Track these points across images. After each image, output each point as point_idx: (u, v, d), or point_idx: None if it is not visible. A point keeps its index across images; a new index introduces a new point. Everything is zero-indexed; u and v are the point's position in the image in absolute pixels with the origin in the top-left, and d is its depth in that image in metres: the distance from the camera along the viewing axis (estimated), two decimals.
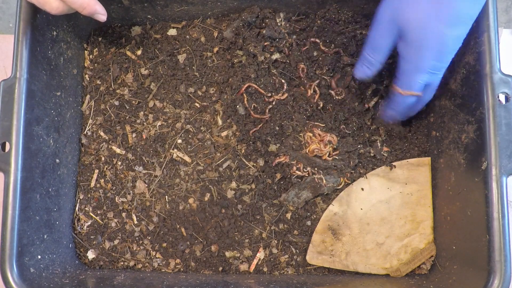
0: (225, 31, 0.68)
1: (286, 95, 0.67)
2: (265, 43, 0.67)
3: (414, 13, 0.48)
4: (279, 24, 0.67)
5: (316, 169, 0.65)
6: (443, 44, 0.50)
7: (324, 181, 0.65)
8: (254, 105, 0.67)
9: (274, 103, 0.67)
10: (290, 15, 0.68)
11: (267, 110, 0.67)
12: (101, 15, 0.54)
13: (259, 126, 0.67)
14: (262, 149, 0.67)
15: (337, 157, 0.65)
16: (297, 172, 0.65)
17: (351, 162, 0.65)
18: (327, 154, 0.65)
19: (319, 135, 0.65)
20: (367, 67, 0.56)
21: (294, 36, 0.68)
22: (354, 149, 0.65)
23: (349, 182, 0.65)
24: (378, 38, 0.53)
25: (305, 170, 0.65)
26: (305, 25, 0.68)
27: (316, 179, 0.65)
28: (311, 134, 0.65)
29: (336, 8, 0.66)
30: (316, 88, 0.67)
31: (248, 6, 0.67)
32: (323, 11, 0.67)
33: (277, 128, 0.66)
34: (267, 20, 0.67)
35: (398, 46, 0.53)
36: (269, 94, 0.67)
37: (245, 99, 0.67)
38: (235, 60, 0.68)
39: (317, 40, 0.67)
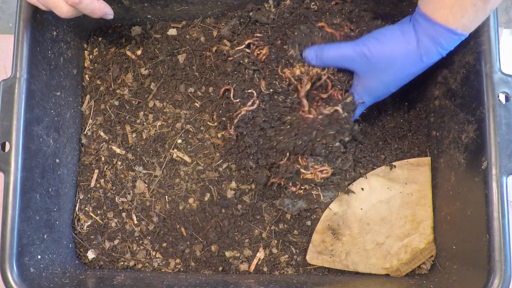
0: (222, 29, 0.69)
1: (256, 104, 0.61)
2: (255, 38, 0.63)
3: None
4: (267, 8, 0.65)
5: (313, 185, 0.64)
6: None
7: (322, 198, 0.64)
8: (228, 116, 0.64)
9: (239, 117, 0.62)
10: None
11: (232, 128, 0.63)
12: (110, 15, 0.55)
13: (232, 141, 0.65)
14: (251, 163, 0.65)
15: (333, 175, 0.64)
16: (292, 188, 0.64)
17: (348, 176, 0.65)
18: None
19: (314, 168, 0.62)
20: (318, 60, 0.57)
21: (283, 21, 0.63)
22: (348, 166, 0.64)
23: (347, 194, 0.65)
24: (347, 59, 0.56)
25: (302, 188, 0.64)
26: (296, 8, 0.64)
27: (313, 195, 0.64)
28: (304, 171, 0.62)
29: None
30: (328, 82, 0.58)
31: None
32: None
33: (248, 150, 0.63)
34: (257, 6, 0.65)
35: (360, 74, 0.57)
36: (237, 100, 0.62)
37: (215, 106, 0.66)
38: (221, 49, 0.67)
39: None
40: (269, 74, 0.62)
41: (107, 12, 0.54)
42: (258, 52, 0.62)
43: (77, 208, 0.68)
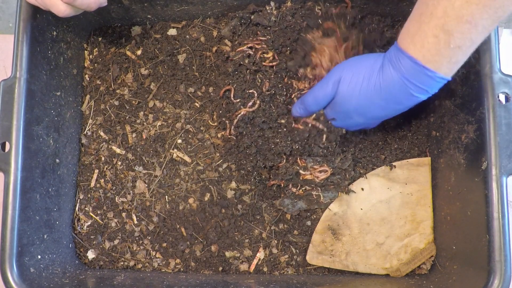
0: (223, 30, 0.69)
1: (257, 104, 0.62)
2: (258, 40, 0.64)
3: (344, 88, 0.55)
4: (269, 11, 0.65)
5: (313, 186, 0.64)
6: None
7: (322, 198, 0.64)
8: (228, 116, 0.65)
9: (239, 117, 0.62)
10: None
11: (232, 129, 0.63)
12: (104, 3, 0.54)
13: (232, 142, 0.65)
14: (250, 166, 0.65)
15: (333, 175, 0.64)
16: (293, 189, 0.65)
17: (347, 175, 0.65)
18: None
19: (313, 168, 0.63)
20: (303, 111, 0.60)
21: (285, 24, 0.64)
22: (348, 165, 0.64)
23: (347, 194, 0.65)
24: (322, 95, 0.56)
25: (302, 188, 0.65)
26: (297, 9, 0.64)
27: (314, 195, 0.65)
28: (304, 172, 0.63)
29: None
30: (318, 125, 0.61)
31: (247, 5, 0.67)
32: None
33: (247, 151, 0.63)
34: (258, 8, 0.66)
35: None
36: (238, 100, 0.63)
37: (215, 106, 0.66)
38: (222, 49, 0.68)
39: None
40: (274, 78, 0.63)
41: (102, 2, 0.53)
42: (261, 56, 0.63)
43: (77, 208, 0.68)
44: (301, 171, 0.63)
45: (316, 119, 0.61)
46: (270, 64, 0.63)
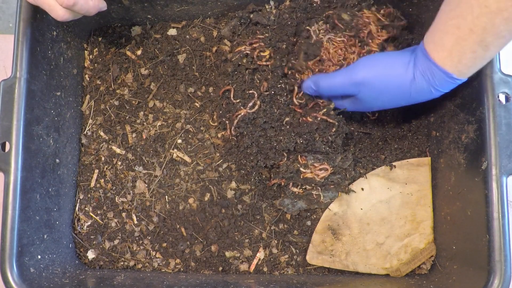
0: (223, 30, 0.69)
1: (257, 105, 0.62)
2: (256, 39, 0.64)
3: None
4: (268, 10, 0.65)
5: (313, 185, 0.64)
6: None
7: (322, 198, 0.64)
8: (228, 116, 0.65)
9: (239, 117, 0.62)
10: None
11: (232, 129, 0.63)
12: (104, 7, 0.54)
13: (232, 142, 0.65)
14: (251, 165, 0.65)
15: (333, 175, 0.64)
16: (293, 189, 0.65)
17: (348, 175, 0.65)
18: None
19: (313, 166, 0.63)
20: (314, 92, 0.60)
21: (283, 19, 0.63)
22: (348, 165, 0.64)
23: (347, 194, 0.65)
24: (341, 89, 0.57)
25: (302, 188, 0.65)
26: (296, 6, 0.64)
27: (314, 195, 0.65)
28: (304, 170, 0.63)
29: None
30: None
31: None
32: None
33: (248, 151, 0.63)
34: (258, 8, 0.65)
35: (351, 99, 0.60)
36: (238, 101, 0.63)
37: (215, 106, 0.66)
38: (222, 49, 0.67)
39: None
40: (271, 78, 0.62)
41: (101, 7, 0.53)
42: (258, 55, 0.63)
43: (77, 208, 0.68)
44: (301, 169, 0.63)
45: (327, 114, 0.61)
46: (266, 63, 0.63)
